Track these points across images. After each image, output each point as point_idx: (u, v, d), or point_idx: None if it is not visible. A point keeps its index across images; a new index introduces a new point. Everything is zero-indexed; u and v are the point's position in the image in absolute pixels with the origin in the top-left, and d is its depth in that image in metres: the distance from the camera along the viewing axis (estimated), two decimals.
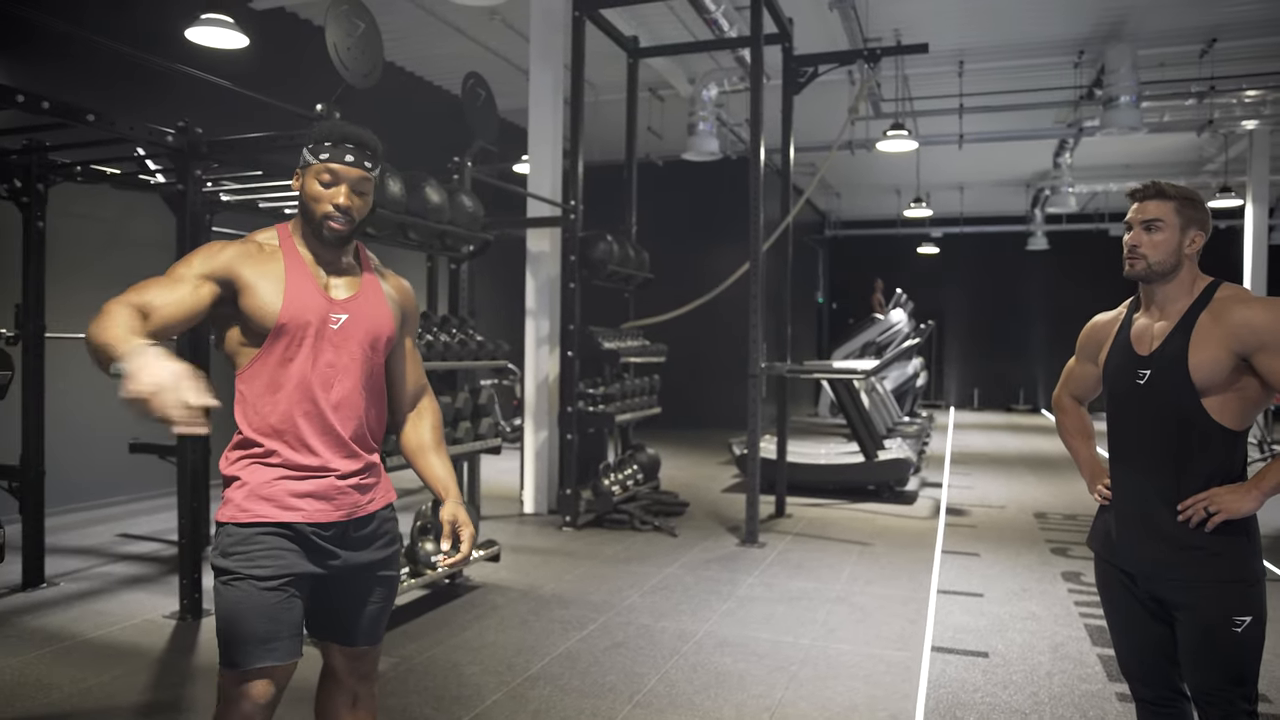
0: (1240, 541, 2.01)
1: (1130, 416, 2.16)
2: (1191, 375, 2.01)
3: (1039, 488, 8.55)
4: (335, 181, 1.91)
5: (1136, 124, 8.79)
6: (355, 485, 1.99)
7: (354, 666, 2.09)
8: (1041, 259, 17.87)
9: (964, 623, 4.35)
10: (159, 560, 5.32)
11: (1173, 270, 2.09)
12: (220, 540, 1.88)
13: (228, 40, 5.73)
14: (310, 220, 1.94)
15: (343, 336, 1.96)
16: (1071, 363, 2.48)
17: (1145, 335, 2.14)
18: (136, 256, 7.01)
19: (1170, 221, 2.08)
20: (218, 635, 1.86)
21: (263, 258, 1.91)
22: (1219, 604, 1.99)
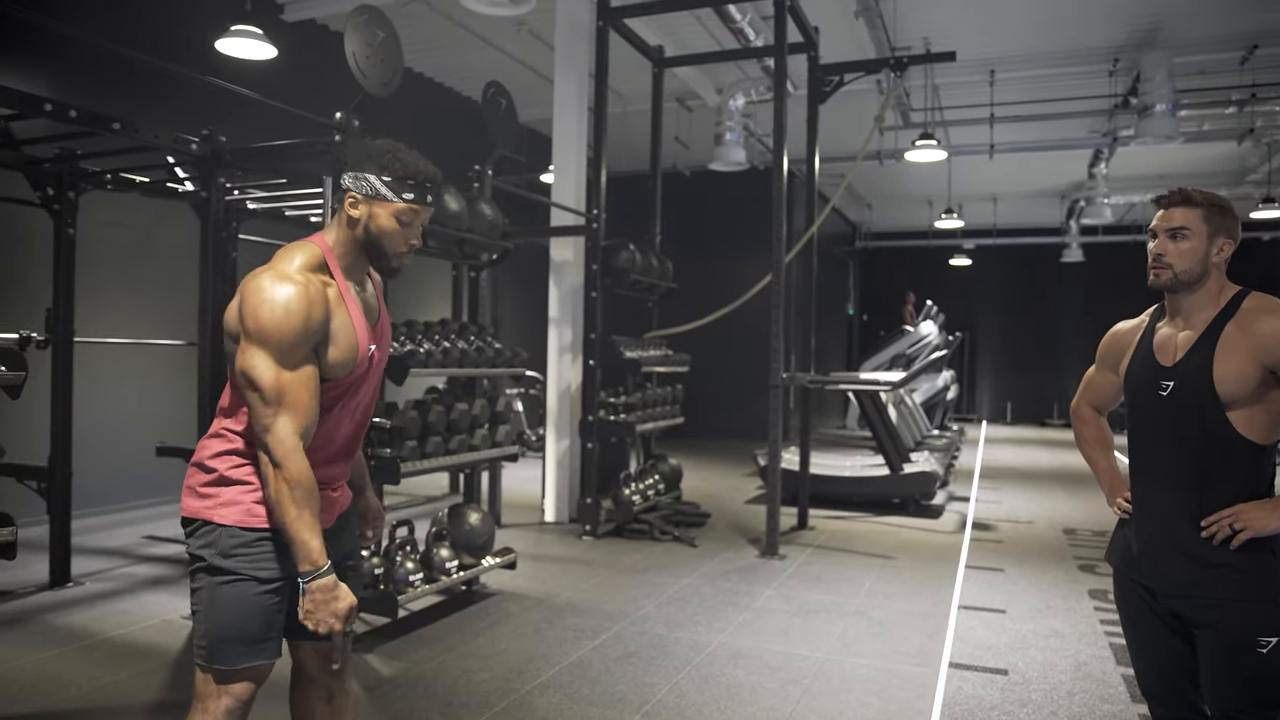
0: (1266, 559, 1.94)
1: (1152, 429, 2.10)
2: (1216, 387, 1.95)
3: (1069, 503, 8.39)
4: (413, 222, 1.93)
5: (1173, 133, 8.64)
6: (340, 493, 2.06)
7: (325, 663, 2.09)
8: (1077, 271, 17.60)
9: (984, 639, 4.26)
10: (180, 562, 5.38)
11: (1199, 279, 2.02)
12: (220, 540, 1.86)
13: (257, 51, 5.83)
14: (375, 254, 1.94)
15: (375, 371, 2.04)
16: (1091, 371, 2.42)
17: (1169, 345, 2.07)
18: (166, 263, 7.14)
19: (1197, 229, 2.01)
20: (203, 634, 1.86)
21: (333, 303, 1.88)
22: (1243, 624, 1.93)
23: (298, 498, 1.77)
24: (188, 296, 7.08)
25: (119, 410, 6.89)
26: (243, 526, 1.87)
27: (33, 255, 5.54)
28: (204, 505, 1.89)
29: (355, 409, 2.00)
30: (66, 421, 4.82)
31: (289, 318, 1.77)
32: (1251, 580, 1.93)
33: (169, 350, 7.00)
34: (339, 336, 1.86)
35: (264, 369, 1.77)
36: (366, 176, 1.88)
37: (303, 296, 1.79)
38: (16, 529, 2.51)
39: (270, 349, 1.77)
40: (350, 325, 1.89)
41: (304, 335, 1.79)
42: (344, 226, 1.93)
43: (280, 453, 1.76)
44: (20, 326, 4.48)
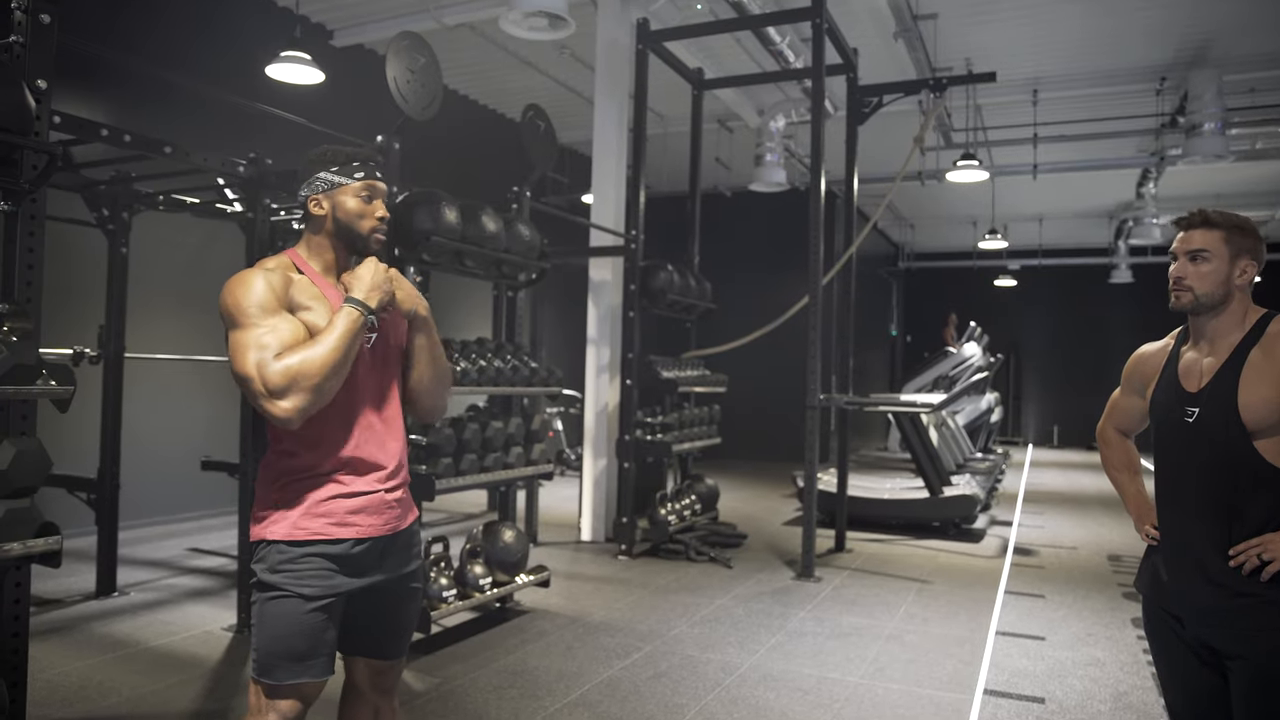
0: None
1: (1178, 455, 2.05)
2: (1241, 414, 1.90)
3: (1115, 529, 8.19)
4: (374, 196, 2.03)
5: (1222, 151, 8.47)
6: (398, 499, 2.06)
7: (378, 681, 2.13)
8: (1125, 292, 17.26)
9: (1022, 666, 4.18)
10: (223, 575, 5.50)
11: (1222, 302, 1.98)
12: (269, 556, 1.92)
13: (306, 76, 5.99)
14: (351, 238, 2.01)
15: (382, 357, 2.05)
16: (1116, 394, 2.38)
17: (1194, 370, 2.03)
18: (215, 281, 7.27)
19: (1218, 251, 1.97)
20: (255, 648, 1.91)
21: (297, 284, 1.96)
22: (1276, 656, 1.87)
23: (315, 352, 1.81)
24: None
25: (166, 425, 7.07)
26: (289, 541, 1.91)
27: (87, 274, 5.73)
28: (259, 527, 1.96)
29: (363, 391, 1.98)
30: (115, 435, 4.96)
31: (248, 289, 1.87)
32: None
33: (215, 367, 7.17)
34: (311, 305, 1.92)
35: (241, 340, 1.82)
36: (317, 177, 2.00)
37: (258, 275, 1.90)
38: (61, 538, 2.59)
39: (242, 321, 1.84)
40: (325, 300, 1.95)
41: (266, 298, 1.86)
42: (312, 233, 2.03)
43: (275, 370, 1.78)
44: (74, 342, 4.65)
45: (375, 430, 2.03)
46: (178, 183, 5.08)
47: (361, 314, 1.90)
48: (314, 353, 1.82)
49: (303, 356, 1.81)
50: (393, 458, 2.06)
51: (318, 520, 1.93)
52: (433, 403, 2.16)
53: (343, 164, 2.00)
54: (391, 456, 2.05)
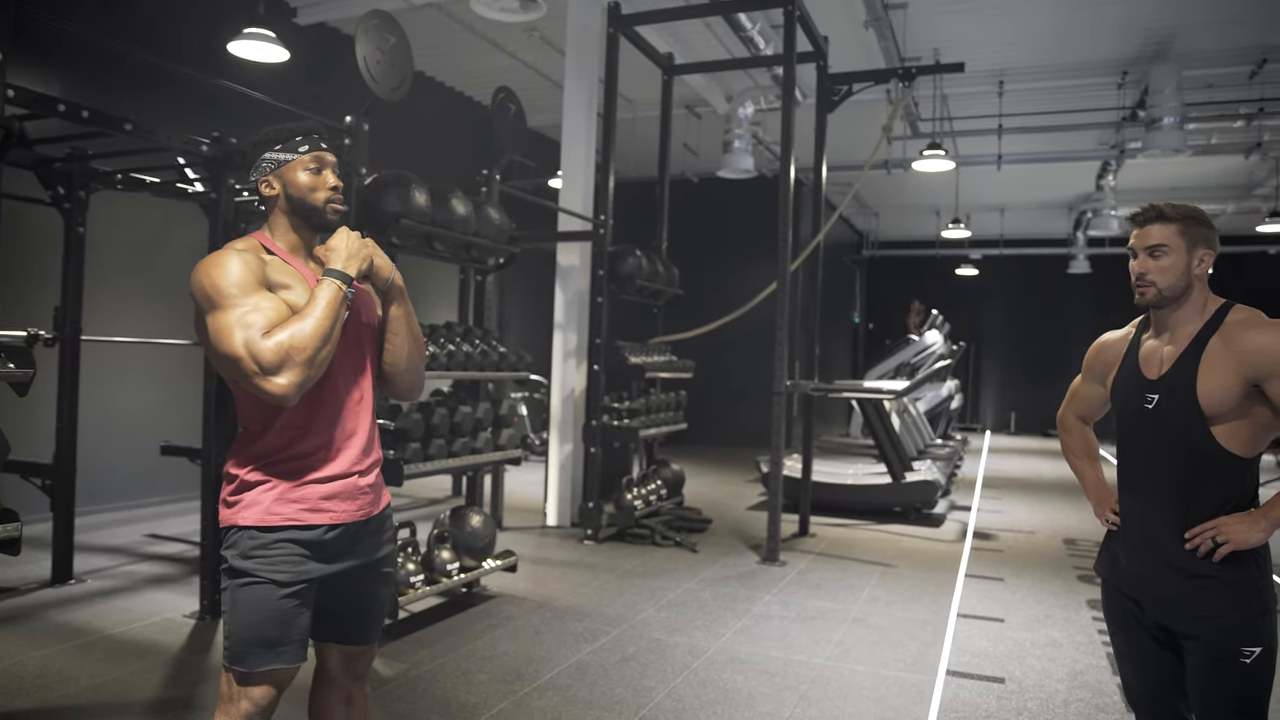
0: (1250, 571, 1.95)
1: (1138, 442, 2.10)
2: (1200, 402, 1.94)
3: (1071, 514, 8.37)
4: (322, 167, 2.01)
5: (1180, 146, 8.64)
6: (371, 485, 2.04)
7: (350, 667, 2.12)
8: (1083, 282, 17.57)
9: (982, 647, 4.27)
10: (183, 561, 5.42)
11: (1184, 294, 2.02)
12: (240, 542, 1.89)
13: (269, 54, 5.87)
14: (306, 211, 1.99)
15: (355, 336, 2.02)
16: (1077, 381, 2.42)
17: (1154, 358, 2.07)
18: (174, 263, 7.18)
19: (1175, 244, 2.01)
20: (226, 635, 1.89)
21: (271, 264, 1.93)
22: (1227, 635, 1.94)
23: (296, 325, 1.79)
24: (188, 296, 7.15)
25: (124, 409, 6.93)
26: (261, 526, 1.89)
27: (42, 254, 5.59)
28: (230, 512, 1.93)
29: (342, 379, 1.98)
30: (72, 419, 4.86)
31: (224, 269, 1.83)
32: (1234, 592, 1.94)
33: (175, 350, 7.05)
34: (289, 283, 1.90)
35: (222, 322, 1.79)
36: (262, 159, 1.99)
37: (232, 254, 1.87)
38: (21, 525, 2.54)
39: (221, 302, 1.80)
40: (301, 279, 1.94)
41: (243, 277, 1.83)
42: (273, 213, 2.00)
43: (264, 347, 1.75)
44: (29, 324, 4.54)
45: (348, 413, 2.00)
46: (136, 161, 4.97)
47: (343, 284, 1.88)
48: (303, 326, 1.80)
49: (292, 331, 1.79)
50: (366, 441, 2.04)
51: (291, 506, 1.91)
52: (413, 379, 2.14)
53: (285, 140, 1.99)
54: (365, 440, 2.04)
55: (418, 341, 2.12)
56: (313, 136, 2.01)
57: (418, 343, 2.12)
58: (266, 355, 1.76)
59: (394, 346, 2.08)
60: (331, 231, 2.02)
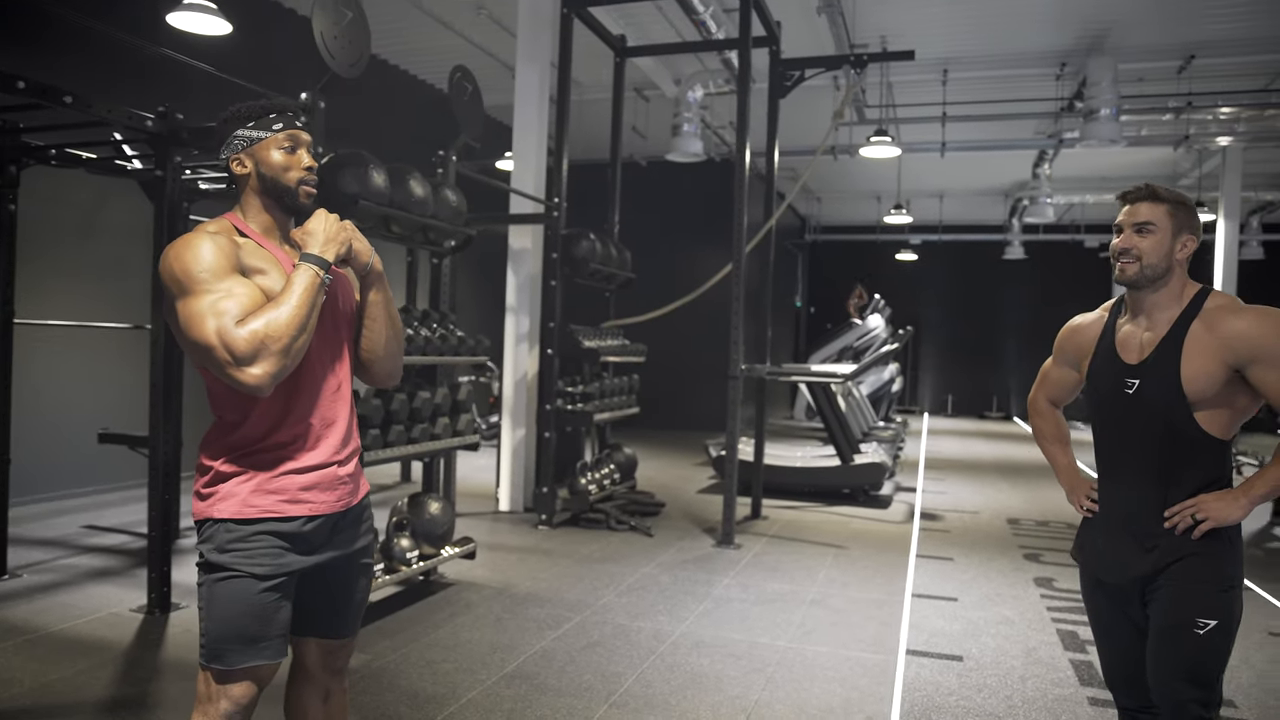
0: (1219, 546, 1.99)
1: (1117, 426, 2.11)
2: (1184, 387, 1.97)
3: (1012, 494, 8.62)
4: (296, 146, 1.93)
5: (1116, 137, 8.89)
6: (350, 474, 1.99)
7: (328, 661, 2.07)
8: (1018, 268, 18.04)
9: (938, 626, 4.36)
10: (126, 553, 5.23)
11: (1164, 275, 2.03)
12: (216, 535, 1.83)
13: (210, 26, 5.65)
14: (279, 192, 1.91)
15: (332, 323, 1.96)
16: (1048, 365, 2.41)
17: (1132, 342, 2.08)
18: (108, 243, 6.90)
19: (1163, 225, 2.02)
20: (203, 632, 1.82)
21: (245, 248, 1.86)
22: (1185, 604, 1.98)
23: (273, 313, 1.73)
24: (132, 278, 6.88)
25: (59, 396, 6.65)
26: (238, 519, 1.82)
27: None
28: (205, 505, 1.86)
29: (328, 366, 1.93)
30: (4, 406, 4.64)
31: (198, 254, 1.76)
32: (1199, 562, 1.98)
33: (112, 334, 6.78)
34: (264, 268, 1.84)
35: (194, 308, 1.72)
36: (235, 135, 1.91)
37: (205, 238, 1.79)
38: None
39: (193, 289, 1.73)
40: (276, 263, 1.87)
41: (217, 261, 1.76)
42: (244, 195, 1.93)
43: (237, 335, 1.69)
44: None
45: (326, 401, 1.95)
46: (69, 136, 4.74)
47: (320, 270, 1.82)
48: (278, 314, 1.73)
49: (267, 319, 1.72)
50: (344, 430, 1.99)
51: (269, 497, 1.85)
52: (391, 366, 2.09)
53: (259, 118, 1.91)
54: (343, 429, 1.98)
55: (396, 328, 2.07)
56: (287, 114, 1.93)
57: (396, 330, 2.07)
58: (240, 344, 1.69)
59: (372, 333, 2.03)
60: (305, 214, 1.95)
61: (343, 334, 2.01)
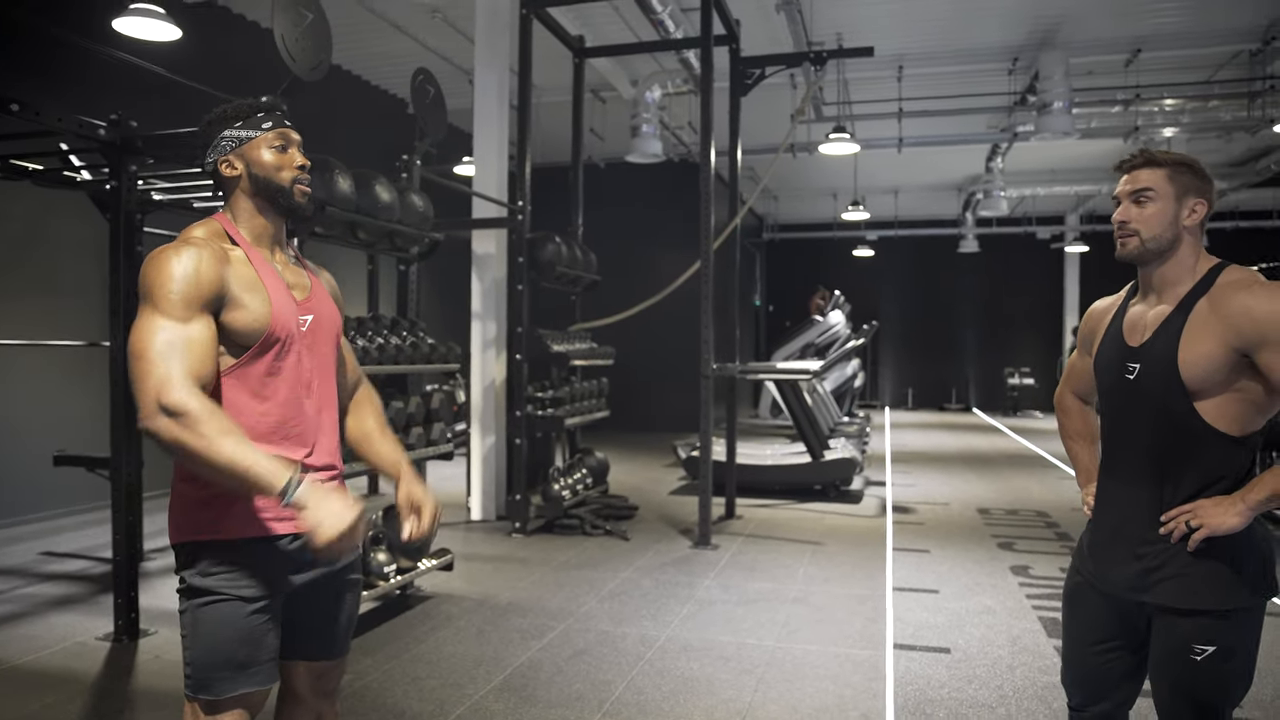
0: (1219, 568, 1.77)
1: (1118, 417, 1.91)
2: (1181, 372, 1.75)
3: (979, 484, 8.71)
4: (288, 144, 1.86)
5: (1069, 129, 9.04)
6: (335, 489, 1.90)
7: (319, 684, 1.98)
8: (972, 261, 18.30)
9: (923, 619, 4.37)
10: (88, 579, 5.05)
11: (1170, 247, 1.81)
12: (199, 558, 1.74)
13: (158, 32, 5.48)
14: (272, 193, 1.83)
15: (313, 338, 1.89)
16: (1073, 356, 2.20)
17: (1139, 323, 1.87)
18: (56, 258, 6.67)
19: (1163, 190, 1.81)
20: (188, 661, 1.73)
21: (234, 263, 1.76)
22: (1177, 628, 1.80)
23: (222, 428, 1.57)
24: (84, 294, 6.67)
25: (7, 417, 6.41)
26: (220, 541, 1.74)
27: None
28: (185, 527, 1.77)
29: (300, 384, 1.83)
30: None
31: (178, 271, 1.66)
32: (1196, 581, 1.78)
33: (64, 353, 6.56)
34: (245, 298, 1.73)
35: (153, 327, 1.63)
36: (222, 137, 1.83)
37: (193, 254, 1.69)
38: None
39: (160, 307, 1.64)
40: (261, 287, 1.77)
41: (194, 288, 1.66)
42: (234, 196, 1.84)
43: (177, 398, 1.56)
44: None
45: (310, 416, 1.87)
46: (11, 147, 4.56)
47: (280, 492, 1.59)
48: (213, 443, 1.56)
49: (207, 429, 1.56)
50: (328, 446, 1.91)
51: (251, 518, 1.76)
52: None
53: (247, 117, 1.83)
54: (327, 445, 1.90)
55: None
56: (276, 113, 1.85)
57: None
58: (172, 405, 1.56)
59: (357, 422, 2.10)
60: (301, 215, 1.88)
61: (330, 349, 1.94)
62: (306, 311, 1.87)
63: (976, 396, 19.52)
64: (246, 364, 1.76)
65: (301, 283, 1.91)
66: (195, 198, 5.35)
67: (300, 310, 1.85)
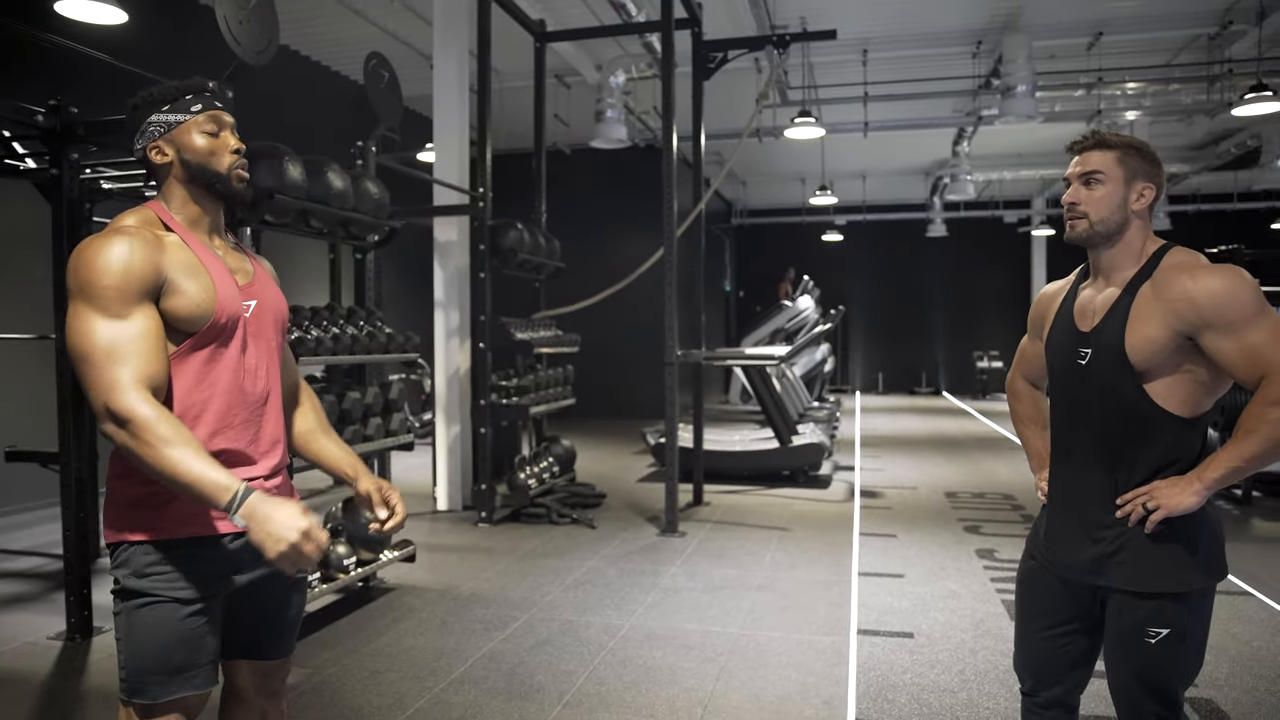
0: (1174, 550, 1.78)
1: (1069, 402, 1.92)
2: (1129, 356, 1.76)
3: (947, 468, 8.77)
4: (220, 128, 1.79)
5: (1033, 113, 9.08)
6: (277, 486, 1.85)
7: (264, 683, 1.93)
8: (941, 245, 18.41)
9: (887, 604, 4.38)
10: (41, 577, 4.94)
11: (1119, 230, 1.82)
12: (133, 559, 1.67)
13: (103, 15, 5.33)
14: (208, 179, 1.75)
15: (258, 326, 1.83)
16: (1024, 341, 2.20)
17: (1088, 308, 1.88)
18: (6, 249, 6.50)
19: (1112, 173, 1.82)
20: (123, 664, 1.67)
21: (170, 248, 1.69)
22: (1132, 609, 1.80)
23: (165, 436, 1.52)
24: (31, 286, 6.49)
25: None
26: (156, 540, 1.68)
27: None
28: (119, 526, 1.70)
29: (244, 371, 1.77)
30: None
31: (109, 264, 1.59)
32: (1151, 562, 1.79)
33: (14, 346, 6.39)
34: (185, 284, 1.67)
35: (90, 327, 1.57)
36: (149, 122, 1.75)
37: (124, 244, 1.62)
38: None
39: (95, 303, 1.58)
40: (203, 270, 1.70)
41: (128, 280, 1.60)
42: (167, 183, 1.77)
43: (124, 404, 1.52)
44: None
45: (253, 410, 1.80)
46: None
47: (226, 509, 1.53)
48: (158, 452, 1.52)
49: (153, 437, 1.52)
50: (272, 440, 1.85)
51: (188, 516, 1.70)
52: None
53: (175, 100, 1.75)
54: (271, 439, 1.84)
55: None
56: (204, 94, 1.77)
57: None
58: (121, 411, 1.53)
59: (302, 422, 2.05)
60: (238, 202, 1.81)
61: (275, 341, 1.88)
62: (250, 296, 1.81)
63: (946, 380, 19.67)
64: (188, 352, 1.70)
65: (244, 268, 1.84)
66: (147, 186, 5.21)
67: (244, 295, 1.79)
